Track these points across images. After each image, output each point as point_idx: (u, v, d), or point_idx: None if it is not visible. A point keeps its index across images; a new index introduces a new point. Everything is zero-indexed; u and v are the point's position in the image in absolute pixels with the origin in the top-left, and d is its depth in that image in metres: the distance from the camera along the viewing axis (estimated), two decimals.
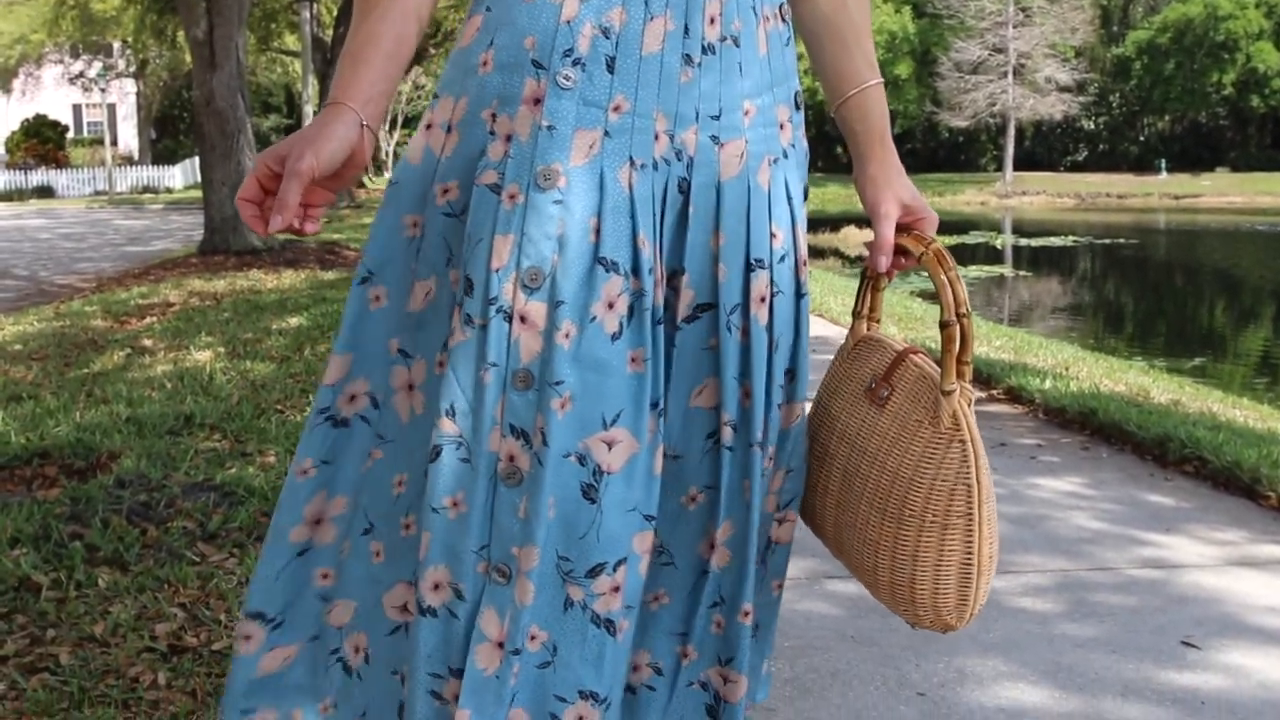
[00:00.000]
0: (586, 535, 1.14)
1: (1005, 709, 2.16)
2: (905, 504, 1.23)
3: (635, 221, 1.15)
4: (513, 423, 1.13)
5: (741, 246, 1.20)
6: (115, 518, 2.89)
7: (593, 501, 1.14)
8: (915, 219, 1.33)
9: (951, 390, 1.22)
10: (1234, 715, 2.14)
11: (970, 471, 1.20)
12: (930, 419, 1.23)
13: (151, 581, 2.53)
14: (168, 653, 2.20)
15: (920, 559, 1.22)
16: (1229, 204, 37.77)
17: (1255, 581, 2.81)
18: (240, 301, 7.62)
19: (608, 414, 1.14)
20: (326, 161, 1.13)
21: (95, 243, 16.45)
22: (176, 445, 3.69)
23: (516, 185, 1.15)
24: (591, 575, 1.15)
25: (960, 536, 1.21)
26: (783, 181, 1.23)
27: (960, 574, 1.22)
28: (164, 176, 36.28)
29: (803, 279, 1.25)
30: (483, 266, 1.14)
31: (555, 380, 1.12)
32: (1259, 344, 11.32)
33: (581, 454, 1.13)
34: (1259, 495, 3.43)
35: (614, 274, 1.14)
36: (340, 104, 1.15)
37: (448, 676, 1.15)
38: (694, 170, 1.19)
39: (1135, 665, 2.34)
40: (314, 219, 1.16)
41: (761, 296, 1.20)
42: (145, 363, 5.48)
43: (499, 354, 1.13)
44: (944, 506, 1.21)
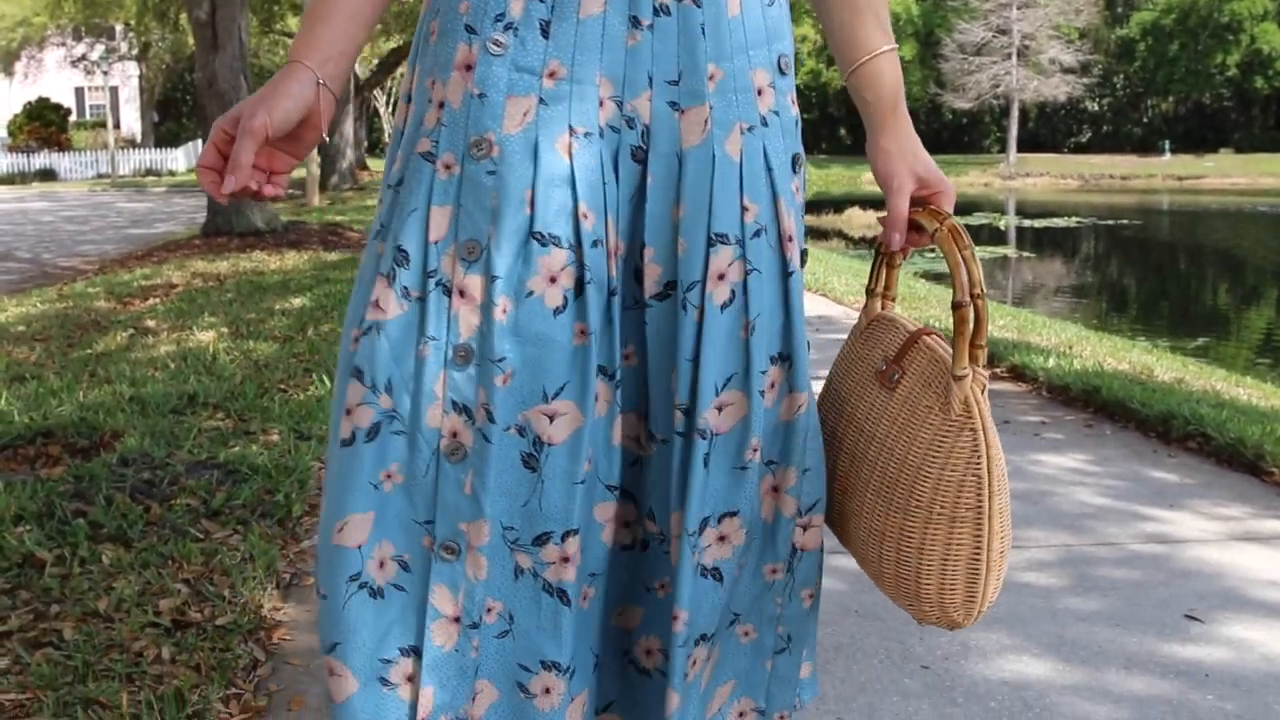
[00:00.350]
0: (529, 503, 1.13)
1: (1009, 681, 2.16)
2: (912, 494, 1.17)
3: (576, 192, 1.10)
4: (454, 399, 1.11)
5: (703, 220, 1.13)
6: (119, 495, 2.89)
7: (533, 470, 1.12)
8: (931, 192, 1.26)
9: (963, 375, 1.16)
10: (1238, 688, 2.14)
11: (981, 462, 1.14)
12: (941, 405, 1.17)
13: (155, 558, 2.53)
14: (171, 628, 2.20)
15: (926, 552, 1.17)
16: (1232, 185, 37.65)
17: (1258, 556, 2.81)
18: (243, 282, 7.62)
19: (549, 387, 1.11)
20: (280, 120, 1.11)
21: (98, 225, 16.44)
22: (180, 424, 3.69)
23: (451, 155, 1.12)
24: (538, 544, 1.13)
25: (969, 530, 1.15)
26: (760, 151, 1.16)
27: (968, 570, 1.16)
28: (166, 159, 36.23)
29: (789, 256, 1.17)
30: (418, 237, 1.12)
31: (497, 357, 1.10)
32: (1262, 324, 11.30)
33: (521, 425, 1.11)
34: (1262, 471, 3.43)
35: (554, 247, 1.10)
36: (296, 63, 1.14)
37: (397, 659, 1.14)
38: (651, 139, 1.13)
39: (1138, 639, 2.34)
40: (277, 184, 1.16)
41: (720, 274, 1.13)
42: (148, 343, 5.48)
43: (438, 328, 1.11)
44: (952, 498, 1.15)
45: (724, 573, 1.19)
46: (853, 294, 7.59)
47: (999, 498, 1.16)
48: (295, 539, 2.83)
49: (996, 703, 2.08)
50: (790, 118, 1.20)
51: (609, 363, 1.14)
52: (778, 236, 1.17)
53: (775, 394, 1.18)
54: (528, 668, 1.16)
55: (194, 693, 1.95)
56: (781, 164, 1.18)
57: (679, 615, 1.17)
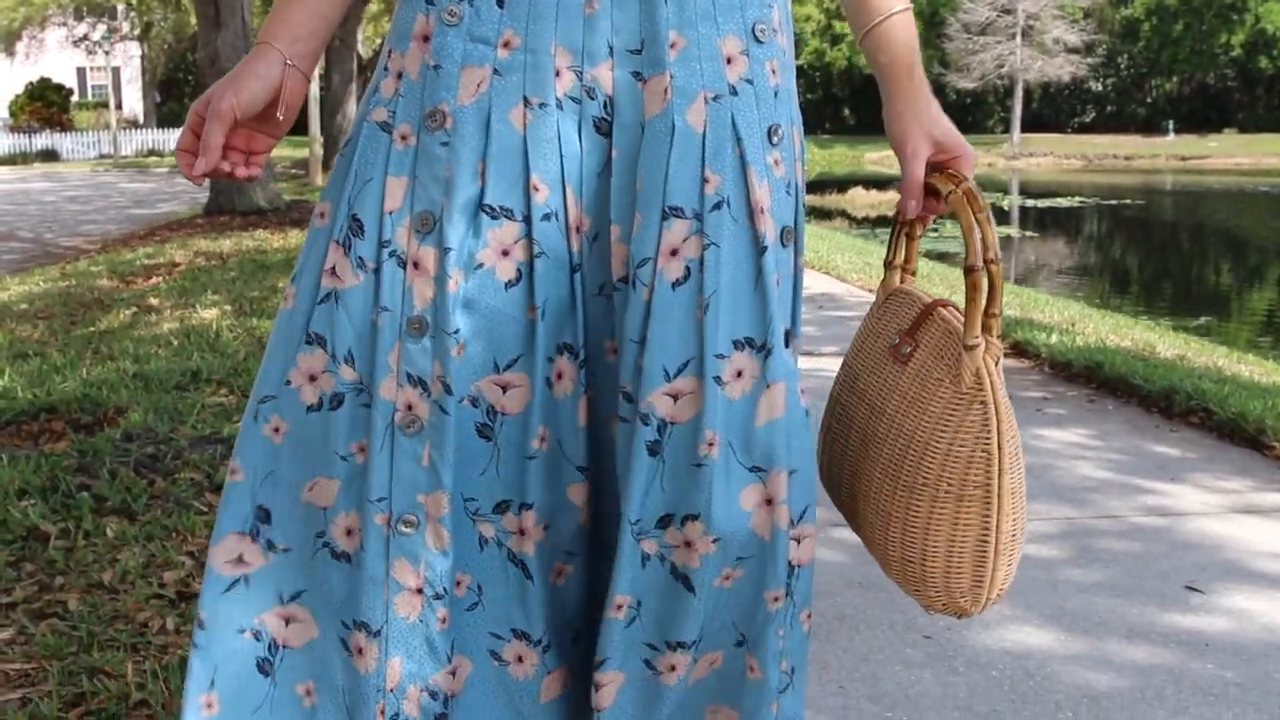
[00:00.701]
0: (486, 472, 1.12)
1: (1010, 651, 2.17)
2: (919, 471, 1.12)
3: (528, 164, 1.08)
4: (409, 371, 1.10)
5: (658, 193, 1.08)
6: (123, 469, 2.90)
7: (489, 439, 1.11)
8: (949, 157, 1.21)
9: (975, 345, 1.10)
10: (1238, 657, 2.15)
11: (990, 437, 1.09)
12: (952, 377, 1.12)
13: (159, 530, 2.54)
14: (176, 599, 2.21)
15: (932, 533, 1.12)
16: (1236, 165, 37.53)
17: (1259, 528, 2.81)
18: (246, 261, 7.62)
19: (501, 359, 1.10)
20: (247, 101, 1.12)
21: (100, 205, 16.43)
22: (183, 400, 3.70)
23: (408, 125, 1.11)
24: (499, 511, 1.13)
25: (977, 510, 1.10)
26: (727, 121, 1.10)
27: (976, 552, 1.11)
28: (169, 139, 36.16)
29: (760, 229, 1.10)
30: (374, 207, 1.11)
31: (450, 329, 1.09)
32: (1264, 304, 11.29)
33: (474, 396, 1.11)
34: (1264, 446, 3.43)
35: (506, 220, 1.09)
36: (265, 44, 1.14)
37: (353, 629, 1.13)
38: (615, 110, 1.10)
39: (1139, 609, 2.35)
40: (256, 164, 1.16)
41: (673, 249, 1.08)
42: (151, 321, 5.48)
43: (392, 299, 1.10)
44: (960, 475, 1.10)
45: (694, 582, 1.12)
46: (856, 271, 7.58)
47: (1010, 476, 1.10)
48: None
49: (998, 671, 2.09)
50: (767, 87, 1.13)
51: (574, 340, 1.11)
52: (746, 209, 1.10)
53: (745, 384, 1.10)
54: (499, 635, 1.15)
55: None
56: (753, 134, 1.11)
57: (621, 602, 1.12)
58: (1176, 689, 2.03)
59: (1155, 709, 1.97)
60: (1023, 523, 1.13)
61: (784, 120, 1.14)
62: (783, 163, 1.13)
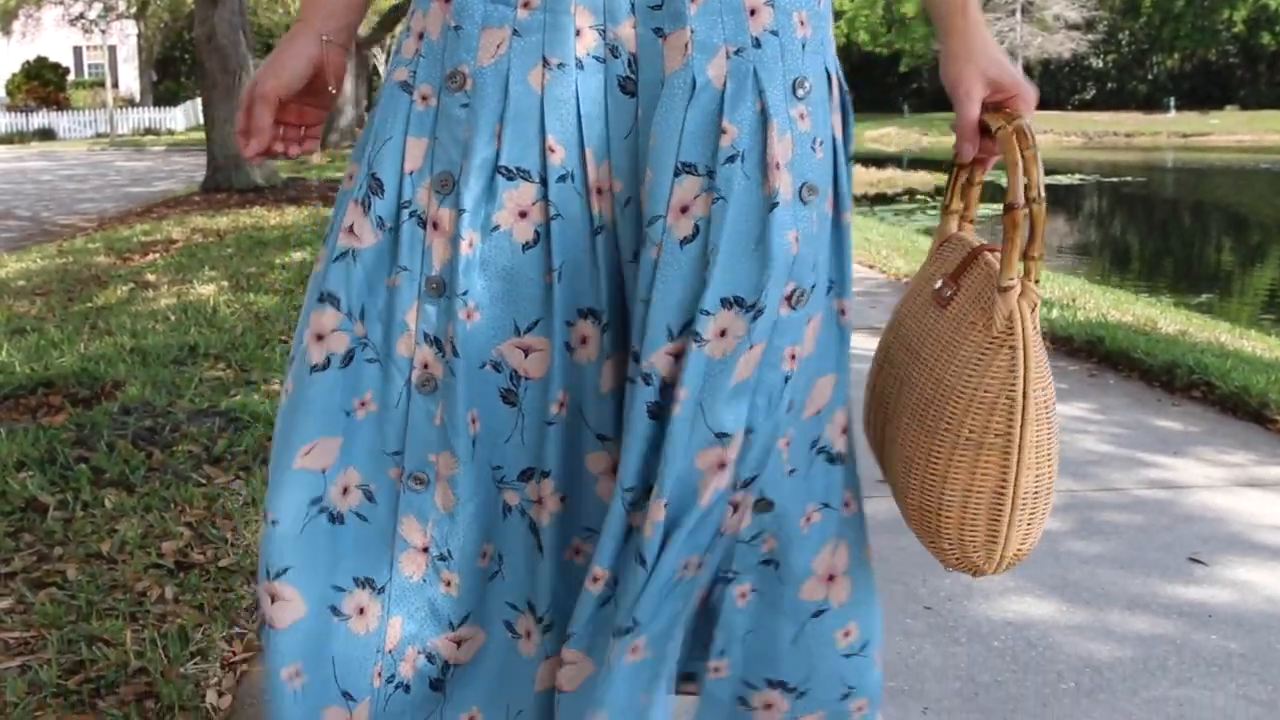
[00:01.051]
0: (511, 438, 1.11)
1: (1012, 622, 2.16)
2: (942, 415, 1.09)
3: (544, 126, 1.07)
4: (426, 330, 1.10)
5: (672, 148, 1.05)
6: (121, 442, 2.89)
7: (513, 405, 1.10)
8: (1006, 97, 1.16)
9: (1009, 287, 1.06)
10: (1241, 627, 2.14)
11: (1016, 384, 1.05)
12: (985, 321, 1.08)
13: (158, 502, 2.53)
14: (174, 569, 2.20)
15: (950, 481, 1.09)
16: (1238, 142, 37.42)
17: (1262, 501, 2.80)
18: (243, 238, 7.59)
19: (521, 322, 1.09)
20: (287, 80, 1.15)
21: (97, 184, 16.37)
22: (181, 374, 3.68)
23: (429, 86, 1.10)
24: (523, 479, 1.11)
25: (996, 460, 1.06)
26: (749, 74, 1.06)
27: (991, 505, 1.07)
28: (166, 118, 36.07)
29: (773, 184, 1.05)
30: (394, 167, 1.10)
31: (461, 290, 1.08)
32: (1266, 282, 11.27)
33: (496, 361, 1.10)
34: (1267, 420, 3.42)
35: (522, 181, 1.07)
36: (301, 23, 1.16)
37: (353, 589, 1.12)
38: (639, 68, 1.07)
39: (1142, 580, 2.34)
40: (311, 137, 1.20)
41: (684, 206, 1.05)
42: (149, 296, 5.46)
43: (411, 259, 1.10)
44: (982, 422, 1.06)
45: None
46: (857, 247, 7.55)
47: (1034, 428, 1.06)
48: None
49: (999, 642, 2.08)
50: (794, 39, 1.09)
51: (595, 304, 1.10)
52: (760, 165, 1.06)
53: (728, 343, 1.05)
54: (515, 605, 1.14)
55: (197, 631, 1.96)
56: (776, 87, 1.07)
57: (599, 575, 1.09)
58: (1179, 659, 2.03)
59: (1158, 679, 1.96)
60: (1049, 481, 1.08)
61: (812, 73, 1.10)
62: (809, 117, 1.09)
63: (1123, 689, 1.93)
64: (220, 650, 1.93)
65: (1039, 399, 1.06)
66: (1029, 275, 1.08)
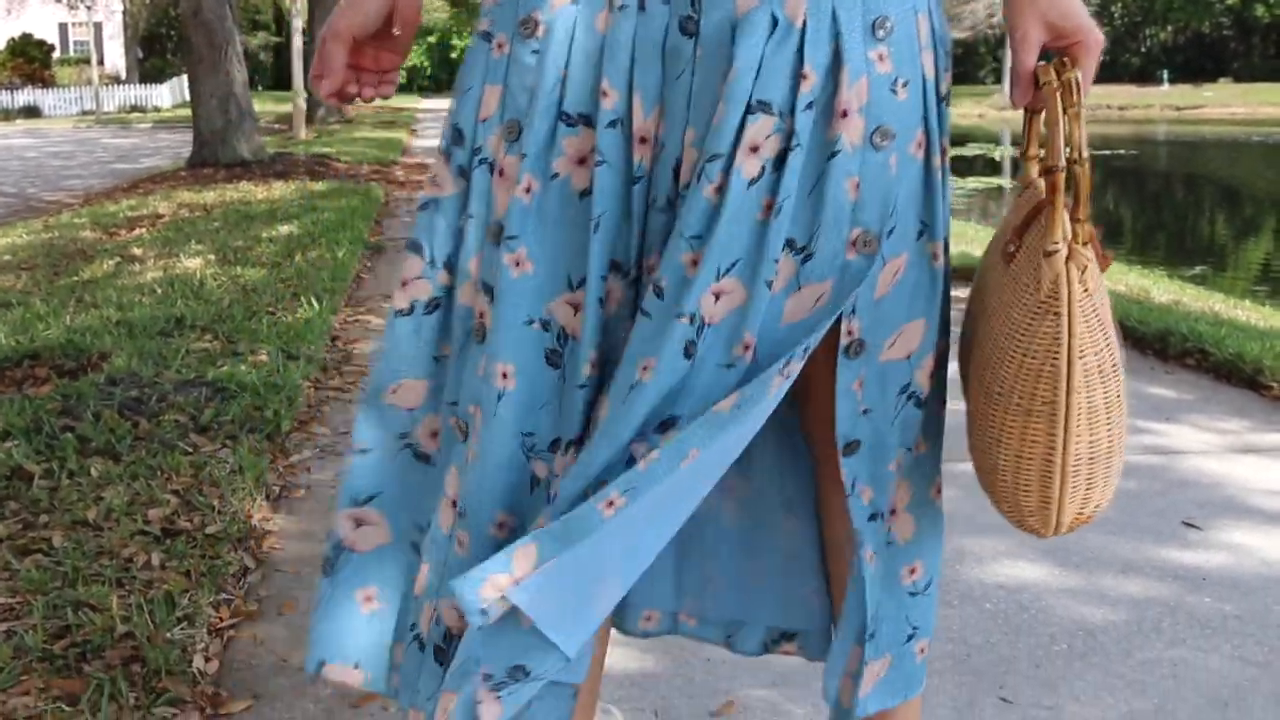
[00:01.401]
0: (548, 404, 1.07)
1: (1004, 585, 2.15)
2: (995, 379, 1.06)
3: (601, 70, 1.04)
4: (484, 278, 1.08)
5: (747, 85, 1.00)
6: (107, 411, 2.86)
7: (556, 368, 1.07)
8: (1069, 42, 1.09)
9: (1053, 251, 1.02)
10: (1236, 590, 2.14)
11: (1060, 353, 1.02)
12: (1037, 283, 1.04)
13: (144, 470, 2.50)
14: (161, 536, 2.18)
15: (1003, 445, 1.06)
16: (1231, 115, 37.38)
17: (1257, 466, 2.79)
18: (230, 212, 7.54)
19: (575, 275, 1.06)
20: (361, 21, 1.14)
21: (84, 161, 16.26)
22: (168, 345, 3.65)
23: (504, 35, 1.09)
24: (553, 450, 1.08)
25: (1044, 428, 1.04)
26: (828, 13, 1.01)
27: (1042, 473, 1.05)
28: (152, 95, 35.82)
29: (837, 132, 1.01)
30: (471, 116, 1.10)
31: (510, 234, 1.06)
32: (1260, 254, 11.28)
33: (546, 319, 1.07)
34: (1261, 386, 3.41)
35: (583, 127, 1.05)
36: None
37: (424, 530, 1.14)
38: (702, 7, 1.03)
39: (1134, 545, 2.33)
40: (387, 82, 1.19)
41: (754, 146, 1.00)
42: (135, 270, 5.42)
43: (478, 206, 1.09)
44: (1029, 389, 1.04)
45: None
46: None
47: (1081, 395, 1.03)
48: (284, 453, 2.80)
49: (992, 605, 2.07)
50: None
51: (624, 258, 1.07)
52: (828, 111, 1.02)
53: (780, 283, 1.04)
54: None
55: (184, 597, 1.94)
56: (854, 28, 1.02)
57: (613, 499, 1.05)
58: (1173, 621, 2.02)
59: (1151, 640, 1.95)
60: (1108, 445, 1.05)
61: (894, 11, 1.04)
62: (890, 58, 1.04)
63: (1116, 651, 1.92)
64: (207, 616, 1.91)
65: (1089, 365, 1.03)
66: (1075, 238, 1.03)
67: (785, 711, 1.73)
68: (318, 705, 1.72)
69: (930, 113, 1.08)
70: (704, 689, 1.77)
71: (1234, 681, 1.82)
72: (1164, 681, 1.82)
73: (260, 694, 1.75)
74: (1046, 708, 1.74)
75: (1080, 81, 1.05)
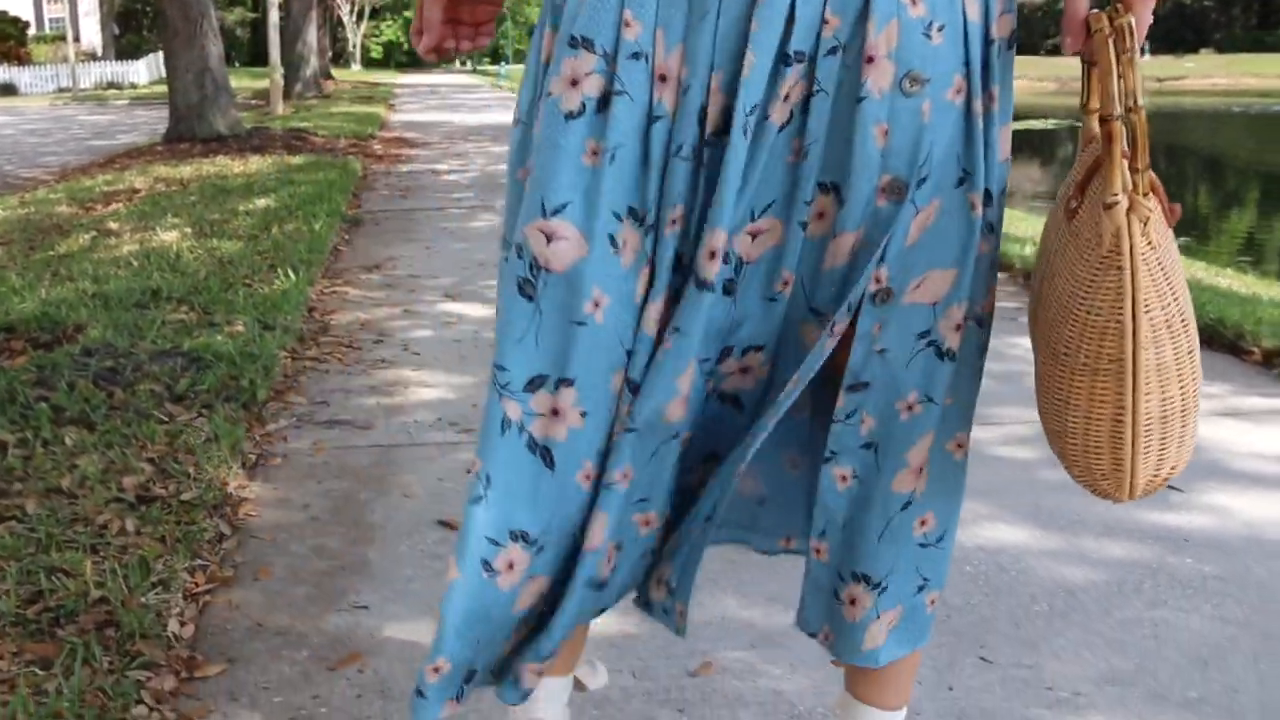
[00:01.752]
0: (524, 339, 1.05)
1: (984, 547, 2.15)
2: (1061, 339, 1.04)
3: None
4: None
5: (777, 34, 1.00)
6: (82, 382, 2.83)
7: (530, 299, 1.05)
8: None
9: (1114, 203, 0.99)
10: (1218, 551, 2.14)
11: (1124, 307, 0.99)
12: (1099, 239, 1.01)
13: (119, 439, 2.47)
14: (135, 502, 2.16)
15: (1071, 407, 1.04)
16: (1213, 86, 37.43)
17: (1239, 430, 2.80)
18: (207, 186, 7.47)
19: (550, 201, 1.03)
20: None
21: (60, 138, 16.10)
22: (143, 317, 3.61)
23: None
24: (529, 389, 1.06)
25: (1112, 386, 1.01)
26: None
27: (1113, 433, 1.02)
28: (128, 72, 35.48)
29: (865, 78, 1.00)
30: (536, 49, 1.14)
31: (513, 160, 1.09)
32: (1243, 225, 11.31)
33: (520, 243, 1.05)
34: (1242, 351, 3.41)
35: (584, 51, 1.03)
36: None
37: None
38: None
39: (1117, 507, 2.33)
40: (485, 34, 1.19)
41: (786, 95, 1.01)
42: (111, 244, 5.36)
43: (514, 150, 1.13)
44: (1094, 347, 1.01)
45: (743, 400, 1.13)
46: None
47: (1149, 351, 0.99)
48: (261, 422, 2.78)
49: (972, 567, 2.07)
50: None
51: (642, 205, 1.04)
52: (858, 55, 1.01)
53: (825, 225, 1.05)
54: (495, 540, 1.08)
55: (159, 563, 1.92)
56: None
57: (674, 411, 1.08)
58: (1154, 582, 2.02)
59: (1132, 600, 1.95)
60: (1181, 403, 1.02)
61: None
62: (923, 2, 1.01)
63: (1096, 610, 1.92)
64: (182, 581, 1.89)
65: (1156, 320, 1.00)
66: (1136, 189, 1.00)
67: (762, 671, 1.72)
68: (294, 668, 1.71)
69: (973, 57, 1.04)
70: (682, 650, 1.76)
71: (1214, 641, 1.82)
72: (1144, 641, 1.82)
73: (235, 657, 1.74)
74: (1026, 666, 1.74)
75: (1133, 28, 1.03)
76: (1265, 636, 1.83)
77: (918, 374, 1.11)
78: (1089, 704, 1.64)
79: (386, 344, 3.66)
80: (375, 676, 1.69)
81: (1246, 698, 1.66)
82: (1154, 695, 1.67)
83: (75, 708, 1.50)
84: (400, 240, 5.79)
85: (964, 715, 1.61)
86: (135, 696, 1.56)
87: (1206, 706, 1.64)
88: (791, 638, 1.79)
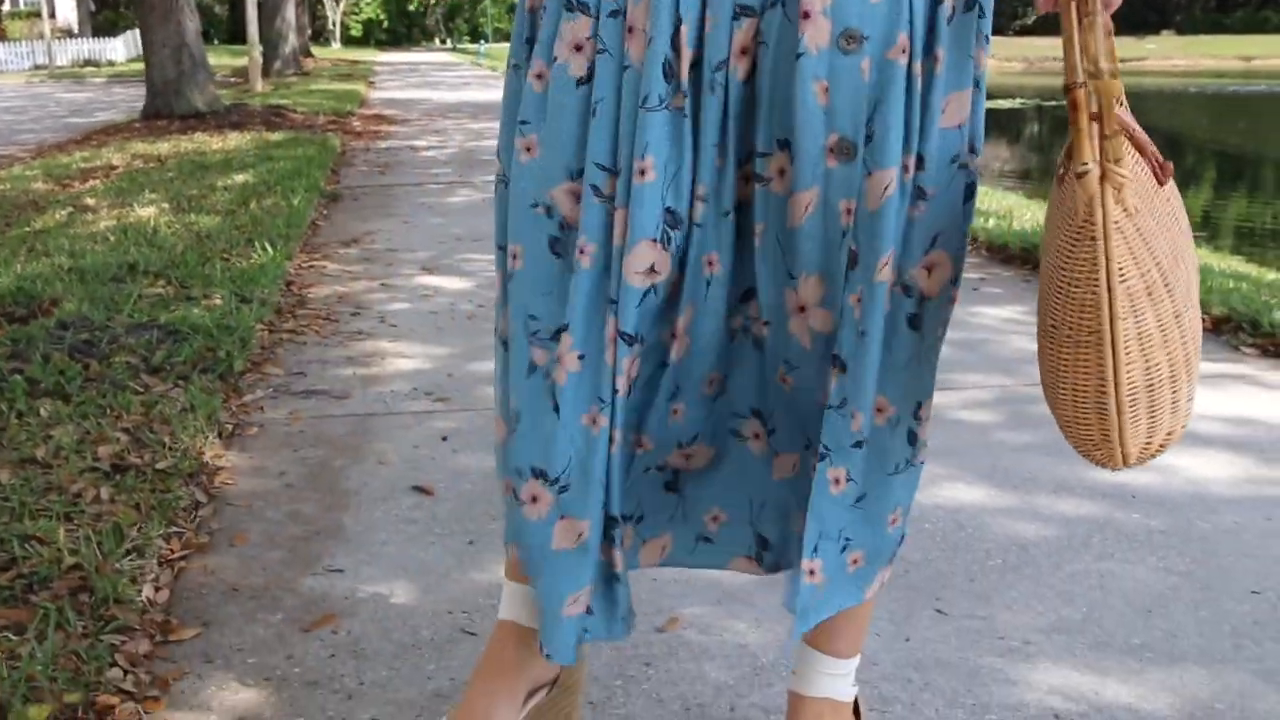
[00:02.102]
0: (553, 292, 1.12)
1: (942, 506, 2.21)
2: (1048, 311, 1.03)
3: None
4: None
5: None
6: (57, 354, 2.87)
7: (560, 256, 1.12)
8: None
9: (1083, 171, 0.98)
10: (1162, 506, 2.20)
11: (1099, 278, 0.97)
12: (1075, 209, 0.99)
13: (94, 409, 2.51)
14: (110, 471, 2.20)
15: (1060, 378, 1.03)
16: (1172, 67, 37.53)
17: None
18: (185, 162, 7.47)
19: (573, 164, 1.10)
20: None
21: (36, 115, 15.97)
22: (120, 291, 3.64)
23: None
24: (555, 338, 1.12)
25: (1093, 358, 1.00)
26: None
27: (1098, 404, 1.01)
28: (105, 49, 35.17)
29: (803, 33, 1.02)
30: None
31: (523, 119, 1.12)
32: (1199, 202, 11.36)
33: (549, 205, 1.11)
34: None
35: (580, 14, 1.08)
36: None
37: None
38: None
39: (1068, 466, 2.39)
40: None
41: (743, 48, 1.05)
42: (88, 220, 5.37)
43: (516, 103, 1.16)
44: (1074, 319, 1.00)
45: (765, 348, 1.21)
46: None
47: (1128, 321, 0.98)
48: (238, 392, 2.82)
49: (930, 525, 2.13)
50: None
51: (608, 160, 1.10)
52: (797, 10, 1.03)
53: (786, 182, 1.08)
54: (520, 471, 1.14)
55: (133, 530, 1.96)
56: None
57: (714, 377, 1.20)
58: (1102, 537, 2.08)
59: (1081, 554, 2.01)
60: (1169, 369, 1.01)
61: None
62: None
63: (1047, 564, 1.98)
64: (157, 547, 1.93)
65: (1134, 289, 0.98)
66: (1106, 156, 0.98)
67: (727, 626, 1.77)
68: (268, 630, 1.76)
69: (916, 17, 1.05)
70: (649, 606, 1.82)
71: (1157, 590, 1.89)
72: (1091, 592, 1.88)
73: (210, 621, 1.78)
74: (980, 618, 1.80)
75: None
76: (1205, 587, 1.90)
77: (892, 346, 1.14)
78: (1038, 652, 1.70)
79: (364, 316, 3.70)
80: (349, 637, 1.74)
81: (1186, 643, 1.73)
82: (1099, 643, 1.73)
83: (49, 670, 1.54)
84: (378, 215, 5.82)
85: (920, 665, 1.67)
86: (109, 659, 1.59)
87: (1148, 652, 1.70)
88: (755, 594, 1.85)
